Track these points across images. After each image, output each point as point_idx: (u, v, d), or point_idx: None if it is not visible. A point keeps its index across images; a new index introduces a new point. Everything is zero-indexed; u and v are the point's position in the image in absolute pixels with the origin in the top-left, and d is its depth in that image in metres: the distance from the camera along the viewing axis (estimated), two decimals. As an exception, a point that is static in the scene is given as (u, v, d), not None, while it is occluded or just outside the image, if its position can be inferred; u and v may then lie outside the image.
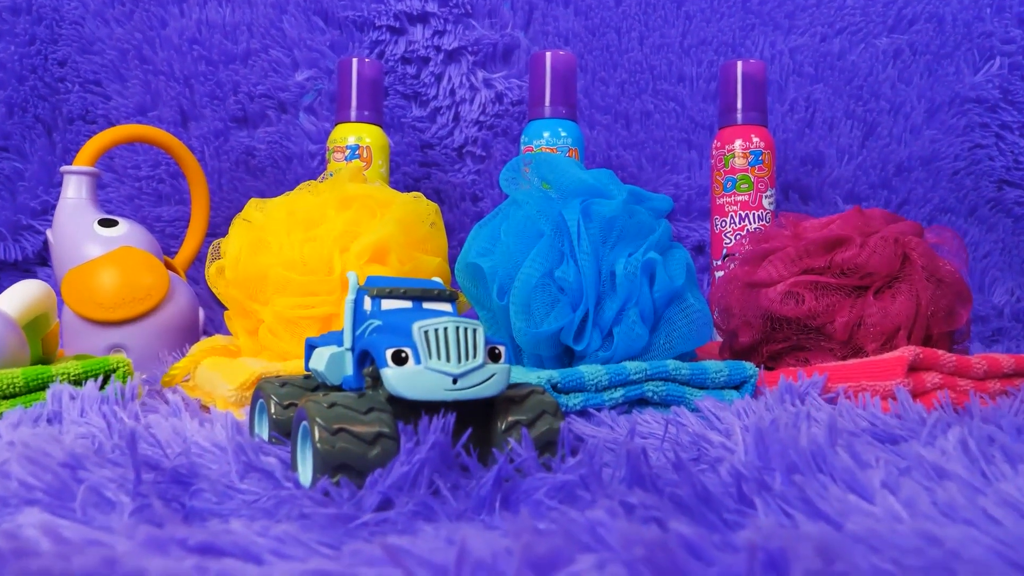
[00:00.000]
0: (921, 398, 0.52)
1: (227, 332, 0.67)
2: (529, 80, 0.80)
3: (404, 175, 0.98)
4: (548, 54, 0.78)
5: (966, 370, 0.53)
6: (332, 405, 0.34)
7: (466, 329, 0.36)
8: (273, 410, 0.41)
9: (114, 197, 0.95)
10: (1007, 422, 0.36)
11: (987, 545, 0.24)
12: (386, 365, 0.35)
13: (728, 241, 0.79)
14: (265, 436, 0.42)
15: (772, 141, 0.80)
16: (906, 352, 0.52)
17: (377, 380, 0.36)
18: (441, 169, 0.99)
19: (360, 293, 0.40)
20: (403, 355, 0.35)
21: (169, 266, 0.82)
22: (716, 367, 0.53)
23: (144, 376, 0.66)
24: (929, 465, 0.33)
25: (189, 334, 0.76)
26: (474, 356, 0.36)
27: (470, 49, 0.98)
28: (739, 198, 0.79)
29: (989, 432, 0.35)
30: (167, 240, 0.95)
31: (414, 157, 0.98)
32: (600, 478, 0.32)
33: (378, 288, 0.38)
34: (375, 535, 0.26)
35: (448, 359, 0.35)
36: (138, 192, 0.95)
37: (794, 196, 0.99)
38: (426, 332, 0.35)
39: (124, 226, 0.76)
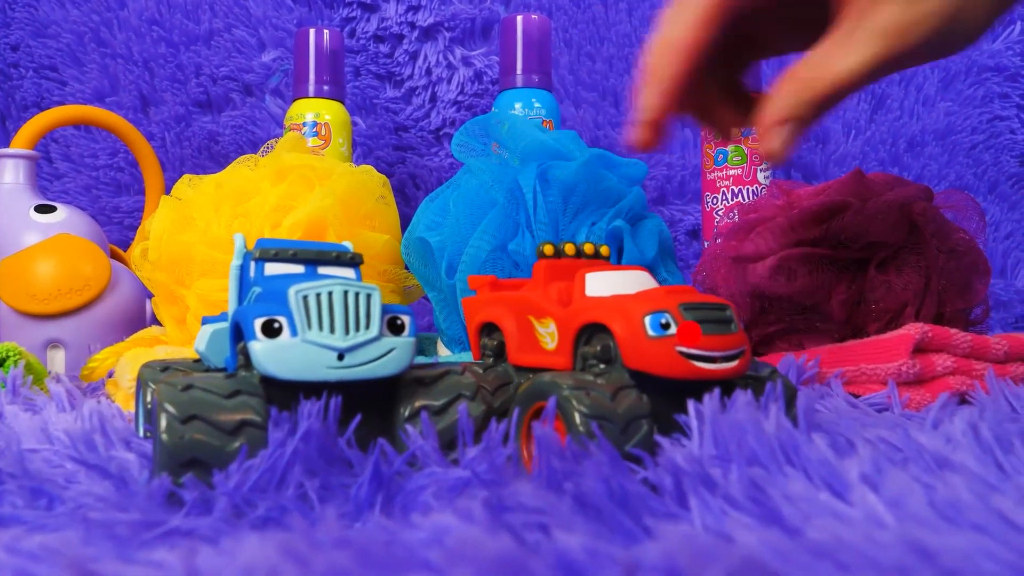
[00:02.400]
0: (931, 384, 0.45)
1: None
2: (499, 47, 0.73)
3: (377, 160, 0.92)
4: (519, 18, 0.72)
5: (984, 351, 0.46)
6: (187, 388, 0.28)
7: (357, 294, 0.29)
8: (149, 398, 0.35)
9: (71, 188, 0.90)
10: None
11: (1003, 560, 0.17)
12: (254, 338, 0.28)
13: (721, 220, 0.72)
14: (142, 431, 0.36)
15: (767, 110, 0.73)
16: (912, 330, 0.44)
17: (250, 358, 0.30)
18: (417, 153, 0.93)
19: (247, 257, 0.33)
20: (276, 325, 0.28)
21: (117, 256, 0.77)
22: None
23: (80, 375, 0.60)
24: (930, 455, 0.26)
25: (133, 328, 0.70)
26: (367, 327, 0.29)
27: (447, 25, 0.92)
28: (731, 172, 0.72)
29: (1007, 416, 0.28)
30: (126, 232, 0.90)
31: (388, 140, 0.92)
32: (504, 472, 0.25)
33: (262, 250, 0.32)
34: (178, 547, 0.20)
35: (332, 330, 0.28)
36: (95, 182, 0.90)
37: (797, 175, 0.92)
38: (304, 297, 0.29)
39: (63, 212, 0.71)
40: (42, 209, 0.71)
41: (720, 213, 0.72)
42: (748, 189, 0.71)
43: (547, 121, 0.71)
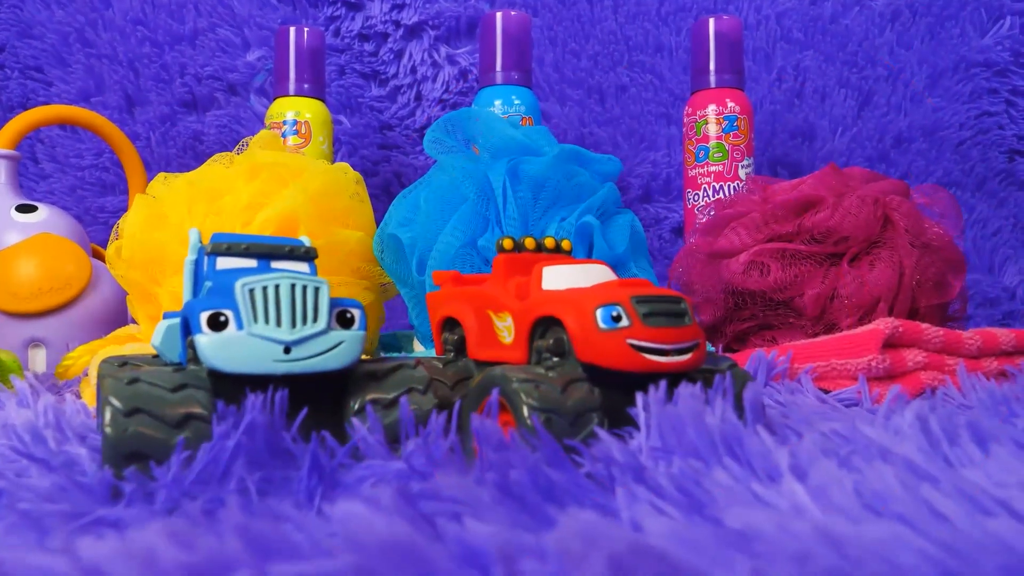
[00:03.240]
0: (901, 379, 0.44)
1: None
2: (479, 44, 0.73)
3: (362, 158, 0.92)
4: (499, 15, 0.72)
5: (956, 347, 0.46)
6: (133, 381, 0.28)
7: (304, 287, 0.29)
8: (104, 394, 0.35)
9: (57, 188, 0.90)
10: (983, 397, 0.29)
11: (918, 549, 0.17)
12: (200, 331, 0.28)
13: (702, 218, 0.72)
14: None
15: (749, 105, 0.73)
16: (882, 325, 0.44)
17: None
18: (402, 151, 0.93)
19: (201, 252, 0.33)
20: (222, 319, 0.28)
21: (98, 255, 0.77)
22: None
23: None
24: (876, 448, 0.25)
25: (115, 326, 0.70)
26: (314, 320, 0.29)
27: (431, 23, 0.92)
28: (712, 169, 0.71)
29: (957, 409, 0.28)
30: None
31: (373, 139, 0.92)
32: (441, 465, 0.25)
33: (214, 244, 0.32)
34: (103, 537, 0.20)
35: (279, 323, 0.28)
36: (80, 182, 0.90)
37: (783, 172, 0.92)
38: (251, 291, 0.28)
39: (44, 211, 0.71)
40: (23, 209, 0.71)
41: (699, 210, 0.71)
42: (729, 185, 0.71)
43: (527, 118, 0.71)
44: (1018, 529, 0.18)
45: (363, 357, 0.47)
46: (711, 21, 0.73)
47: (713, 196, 0.71)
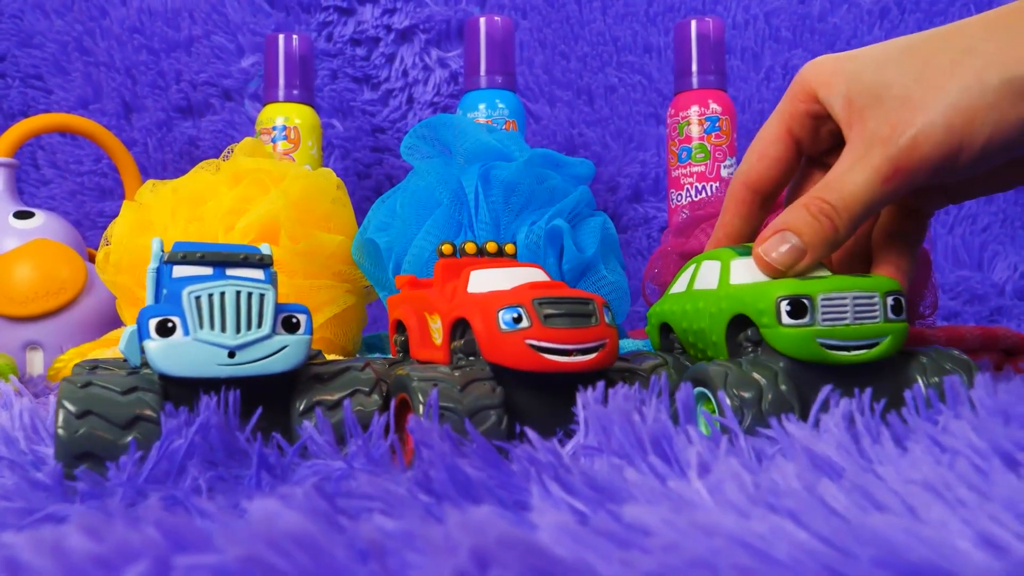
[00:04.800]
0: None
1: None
2: (464, 49, 0.74)
3: (355, 161, 0.93)
4: (482, 20, 0.73)
5: (920, 344, 0.46)
6: (87, 385, 0.29)
7: (249, 294, 0.30)
8: (74, 397, 0.36)
9: (57, 193, 0.92)
10: (916, 391, 0.30)
11: (795, 542, 0.18)
12: (148, 337, 0.29)
13: (679, 218, 0.72)
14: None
15: (731, 106, 0.73)
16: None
17: (154, 356, 0.31)
18: (394, 154, 0.94)
19: (162, 260, 0.35)
20: (169, 325, 0.29)
21: (94, 260, 0.79)
22: (628, 347, 0.47)
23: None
24: (800, 446, 0.26)
25: (110, 329, 0.72)
26: (259, 325, 0.30)
27: (422, 27, 0.93)
28: (695, 169, 0.72)
29: (882, 406, 0.29)
30: (111, 236, 0.92)
31: (365, 142, 0.94)
32: (380, 463, 0.26)
33: (171, 253, 0.33)
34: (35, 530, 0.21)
35: (223, 329, 0.30)
36: (80, 187, 0.92)
37: (773, 171, 0.92)
38: (197, 298, 0.30)
39: (41, 218, 0.73)
40: (20, 215, 0.73)
41: (684, 211, 0.72)
42: (711, 186, 0.72)
43: (511, 122, 0.72)
44: (899, 524, 0.19)
45: (339, 357, 0.48)
46: (693, 23, 0.73)
47: (696, 196, 0.72)
